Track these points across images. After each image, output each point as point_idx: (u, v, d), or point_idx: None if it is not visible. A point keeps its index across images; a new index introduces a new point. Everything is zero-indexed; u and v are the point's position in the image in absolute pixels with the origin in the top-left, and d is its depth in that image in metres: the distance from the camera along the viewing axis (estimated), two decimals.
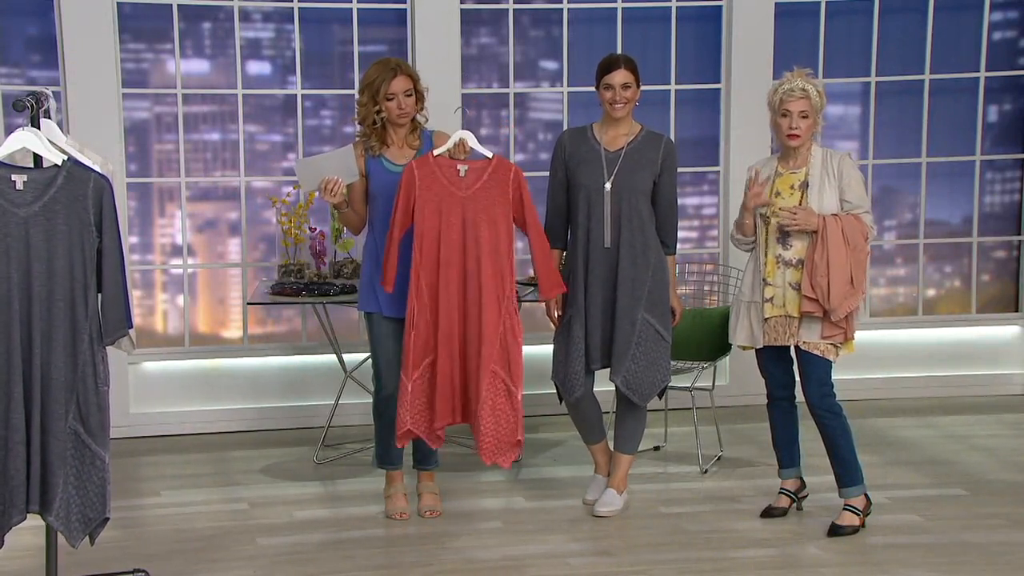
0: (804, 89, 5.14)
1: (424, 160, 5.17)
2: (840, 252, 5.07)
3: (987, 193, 7.79)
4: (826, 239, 5.07)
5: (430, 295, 5.13)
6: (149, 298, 7.13)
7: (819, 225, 5.08)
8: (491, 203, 5.16)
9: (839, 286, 5.06)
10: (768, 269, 5.21)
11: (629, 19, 7.34)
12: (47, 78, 6.77)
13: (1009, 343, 7.80)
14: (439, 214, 5.13)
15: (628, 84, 5.36)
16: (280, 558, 5.02)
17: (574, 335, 5.42)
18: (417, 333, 5.13)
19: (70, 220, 4.08)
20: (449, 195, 5.14)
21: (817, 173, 5.17)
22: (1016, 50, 7.74)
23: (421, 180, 5.12)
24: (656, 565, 4.92)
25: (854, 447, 5.25)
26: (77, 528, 4.17)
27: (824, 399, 5.19)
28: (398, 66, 5.31)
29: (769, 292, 5.21)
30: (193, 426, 6.98)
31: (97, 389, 4.14)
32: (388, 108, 5.28)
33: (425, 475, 5.60)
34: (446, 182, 5.14)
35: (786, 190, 5.20)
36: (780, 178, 5.23)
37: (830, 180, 5.16)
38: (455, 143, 5.17)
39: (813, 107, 5.15)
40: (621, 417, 5.56)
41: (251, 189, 7.14)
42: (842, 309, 5.07)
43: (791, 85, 5.15)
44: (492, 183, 5.17)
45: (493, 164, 5.19)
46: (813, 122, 5.17)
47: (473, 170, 5.17)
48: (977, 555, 5.02)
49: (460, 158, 5.17)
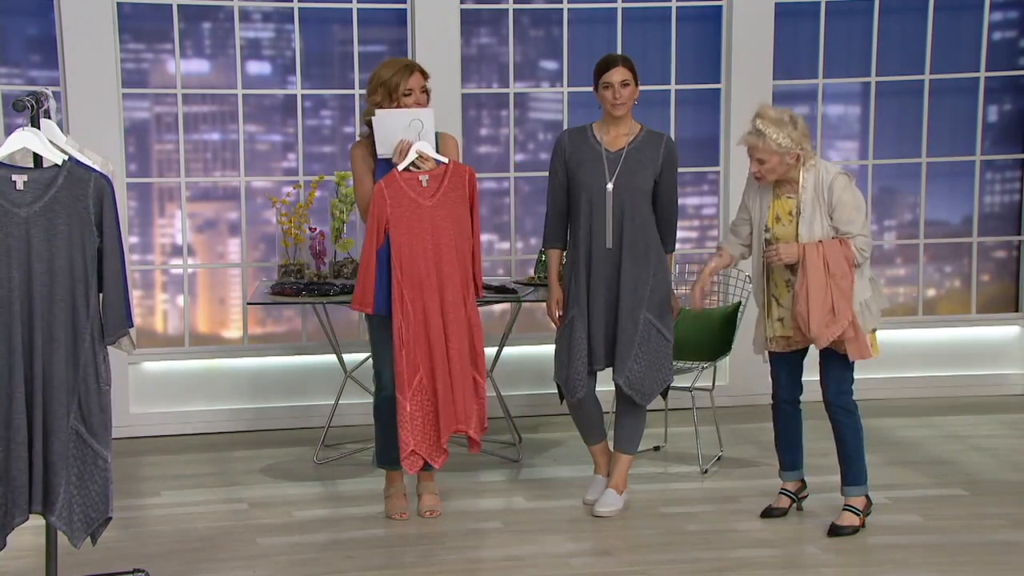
0: (757, 132, 5.03)
1: (391, 178, 5.22)
2: (819, 281, 5.01)
3: (987, 193, 7.79)
4: (805, 268, 5.02)
5: (415, 308, 5.21)
6: (149, 298, 7.13)
7: (799, 254, 5.05)
8: (453, 206, 5.26)
9: (818, 314, 5.02)
10: (779, 290, 5.20)
11: (629, 19, 7.34)
12: (47, 78, 6.77)
13: (1009, 343, 7.80)
14: (411, 228, 5.21)
15: (627, 82, 5.36)
16: (280, 558, 5.02)
17: (576, 336, 5.42)
18: (408, 349, 5.19)
19: (71, 220, 4.08)
20: (418, 207, 5.21)
21: (809, 200, 5.10)
22: (1016, 50, 7.74)
23: (391, 198, 5.20)
24: (656, 565, 4.92)
25: (863, 448, 5.24)
26: (79, 528, 4.17)
27: (841, 396, 5.18)
28: (412, 64, 5.40)
29: (780, 312, 5.20)
30: (193, 426, 6.98)
31: (99, 389, 4.14)
32: (406, 104, 5.31)
33: (425, 475, 5.60)
34: (413, 195, 5.22)
35: (784, 216, 5.17)
36: (778, 201, 5.19)
37: (820, 206, 5.09)
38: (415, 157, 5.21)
39: (771, 151, 5.00)
40: (621, 417, 5.56)
41: (251, 189, 7.14)
42: (823, 338, 5.04)
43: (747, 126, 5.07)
44: (451, 187, 5.27)
45: (450, 168, 5.27)
46: (776, 163, 5.03)
47: (433, 177, 5.25)
48: (977, 555, 5.02)
49: (425, 168, 5.22)
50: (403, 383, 5.21)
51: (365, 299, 5.27)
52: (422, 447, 5.27)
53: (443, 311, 5.23)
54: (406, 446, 5.23)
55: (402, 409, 5.22)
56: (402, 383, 5.21)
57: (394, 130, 5.25)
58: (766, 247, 5.15)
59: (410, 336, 5.20)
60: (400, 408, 5.22)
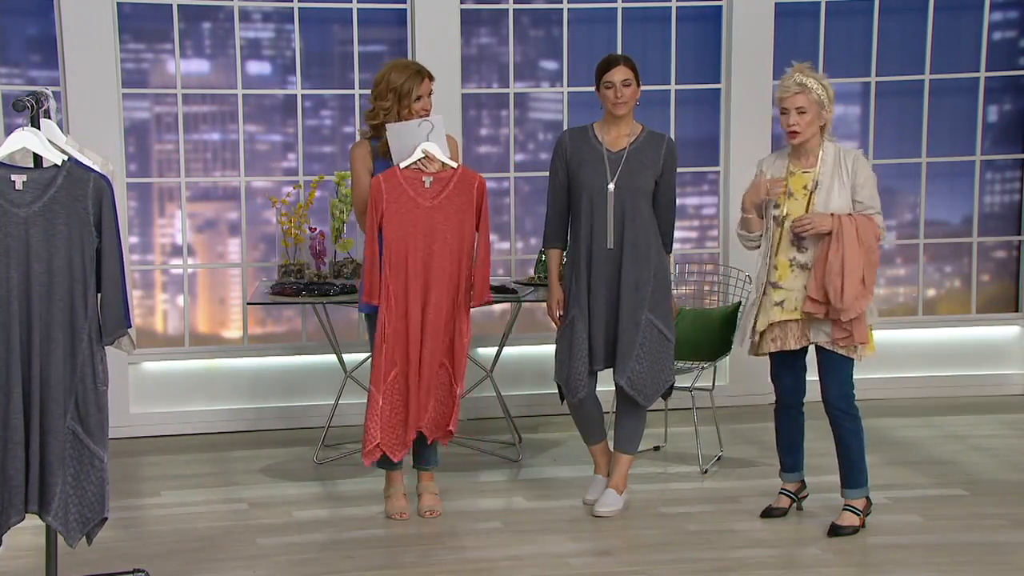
0: (801, 84, 5.06)
1: (391, 173, 5.23)
2: (854, 252, 4.99)
3: (987, 193, 7.79)
4: (842, 238, 5.00)
5: (398, 304, 5.22)
6: (149, 298, 7.13)
7: (834, 225, 5.03)
8: (455, 211, 5.25)
9: (852, 286, 4.99)
10: (780, 272, 5.16)
11: (629, 19, 7.34)
12: (47, 78, 6.77)
13: (1009, 343, 7.80)
14: (403, 225, 5.20)
15: (628, 81, 5.36)
16: (280, 558, 5.02)
17: (578, 336, 5.42)
18: (388, 345, 5.21)
19: (70, 220, 4.08)
20: (415, 206, 5.21)
21: (828, 172, 5.11)
22: (1016, 50, 7.74)
23: (388, 193, 5.20)
24: (656, 565, 4.92)
25: (864, 451, 5.23)
26: (75, 528, 4.17)
27: (842, 399, 5.15)
28: (423, 69, 5.40)
29: (780, 295, 5.16)
30: (193, 426, 6.98)
31: (96, 389, 4.14)
32: (415, 110, 5.33)
33: (425, 475, 5.60)
34: (412, 193, 5.22)
35: (799, 190, 5.13)
36: (793, 177, 5.17)
37: (841, 180, 5.08)
38: (420, 156, 5.21)
39: (812, 102, 5.06)
40: (621, 417, 5.56)
41: (251, 189, 7.14)
42: (853, 309, 5.00)
43: (787, 81, 5.10)
44: (456, 193, 5.25)
45: (458, 174, 5.27)
46: (814, 117, 5.08)
47: (438, 180, 5.25)
48: (977, 555, 5.01)
49: (430, 170, 5.22)
50: (379, 377, 5.24)
51: (373, 293, 5.27)
52: (386, 441, 5.28)
53: (424, 314, 5.24)
54: (372, 438, 5.25)
55: (374, 403, 5.24)
56: (378, 377, 5.24)
57: (409, 139, 5.26)
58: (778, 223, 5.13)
59: (391, 332, 5.22)
60: (372, 401, 5.24)
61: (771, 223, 5.18)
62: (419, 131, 5.25)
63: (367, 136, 5.45)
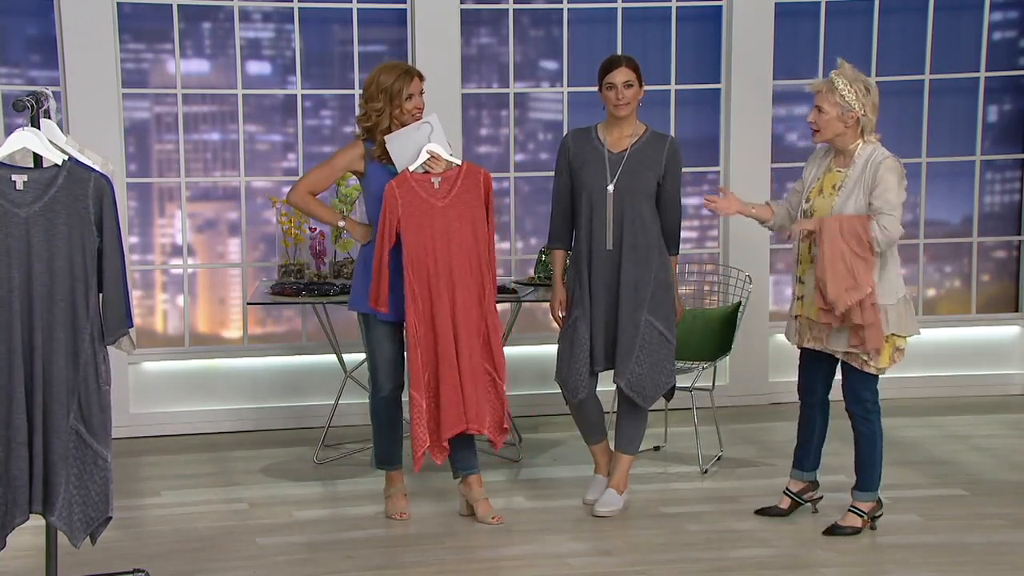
0: (829, 82, 5.03)
1: (402, 179, 5.23)
2: (835, 245, 4.98)
3: (987, 193, 7.79)
4: (823, 236, 5.01)
5: (425, 307, 5.22)
6: (149, 298, 7.13)
7: (816, 224, 5.04)
8: (466, 208, 5.27)
9: (836, 280, 4.97)
10: (802, 267, 5.19)
11: (629, 19, 7.34)
12: (47, 78, 6.77)
13: (1009, 343, 7.80)
14: (422, 228, 5.21)
15: (630, 82, 5.35)
16: (280, 558, 5.02)
17: (579, 336, 5.42)
18: (422, 347, 5.21)
19: (71, 220, 4.08)
20: (429, 207, 5.22)
21: (855, 176, 5.07)
22: (1016, 50, 7.74)
23: (402, 198, 5.21)
24: (656, 565, 4.92)
25: (877, 456, 5.21)
26: (79, 528, 4.17)
27: (855, 404, 5.16)
28: (411, 68, 5.40)
29: (800, 290, 5.20)
30: (193, 426, 6.98)
31: (99, 389, 4.14)
32: (407, 109, 5.32)
33: (474, 480, 5.46)
34: (424, 195, 5.23)
35: (828, 188, 5.14)
36: (828, 174, 5.16)
37: (863, 184, 5.05)
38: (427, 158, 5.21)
39: (835, 103, 5.01)
40: (622, 417, 5.56)
41: (251, 189, 7.14)
42: (841, 302, 4.96)
43: (821, 78, 5.09)
44: (464, 189, 5.27)
45: (464, 170, 5.29)
46: (834, 117, 5.03)
47: (446, 179, 5.26)
48: (977, 555, 5.02)
49: (437, 170, 5.22)
50: (418, 380, 5.23)
51: (380, 298, 5.27)
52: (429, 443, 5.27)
53: (453, 312, 5.23)
54: (422, 444, 5.23)
55: (418, 407, 5.23)
56: (417, 380, 5.23)
57: (410, 143, 5.26)
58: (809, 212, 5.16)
59: (421, 335, 5.22)
60: (415, 405, 5.22)
61: (800, 218, 5.20)
62: (419, 134, 5.25)
63: (361, 139, 5.45)
